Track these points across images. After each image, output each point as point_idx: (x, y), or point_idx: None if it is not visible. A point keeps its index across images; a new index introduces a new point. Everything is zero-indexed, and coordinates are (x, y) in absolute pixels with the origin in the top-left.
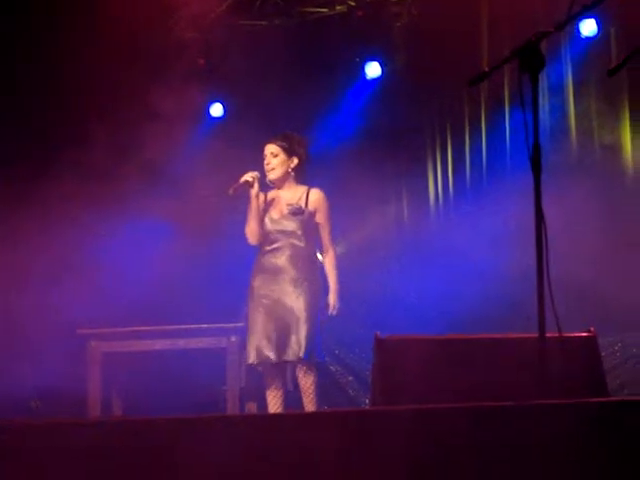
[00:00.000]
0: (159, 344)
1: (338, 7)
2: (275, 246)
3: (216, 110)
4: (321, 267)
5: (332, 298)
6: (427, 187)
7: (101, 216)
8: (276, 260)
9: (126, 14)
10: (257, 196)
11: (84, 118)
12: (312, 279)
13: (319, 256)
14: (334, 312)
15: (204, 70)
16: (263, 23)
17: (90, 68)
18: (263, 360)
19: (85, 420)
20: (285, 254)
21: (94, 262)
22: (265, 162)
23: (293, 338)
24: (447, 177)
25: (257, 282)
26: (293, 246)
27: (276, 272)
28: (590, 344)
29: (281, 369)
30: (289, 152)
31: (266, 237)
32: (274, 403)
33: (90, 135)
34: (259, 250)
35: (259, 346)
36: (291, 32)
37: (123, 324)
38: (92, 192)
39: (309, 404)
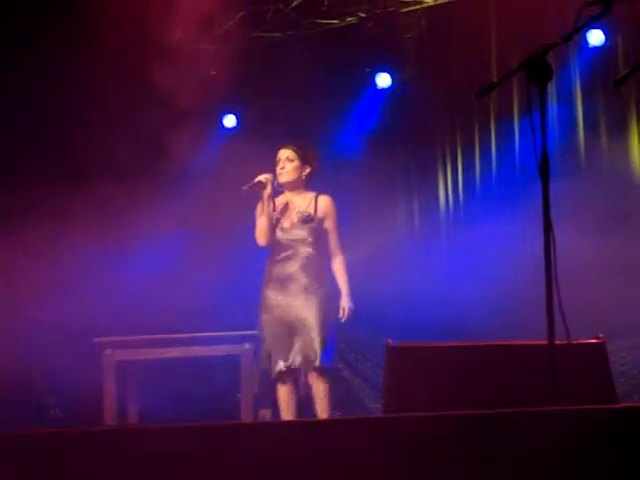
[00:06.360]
0: (174, 352)
1: (349, 19)
2: (286, 254)
3: (229, 121)
4: (330, 273)
5: (345, 301)
6: (437, 195)
7: (118, 224)
8: (287, 269)
9: (138, 23)
10: (269, 198)
11: (93, 131)
12: (323, 286)
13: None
14: (347, 315)
15: (216, 81)
16: (275, 35)
17: (99, 77)
18: (275, 368)
19: (101, 427)
20: (297, 262)
21: (110, 271)
22: (279, 166)
23: (306, 346)
24: (457, 186)
25: (269, 291)
26: (305, 254)
27: (287, 280)
28: (599, 350)
29: (294, 376)
30: (304, 159)
31: (277, 246)
32: (287, 410)
33: (101, 146)
34: (270, 259)
35: (271, 354)
36: (302, 43)
37: (138, 332)
38: (109, 200)
39: (321, 410)
